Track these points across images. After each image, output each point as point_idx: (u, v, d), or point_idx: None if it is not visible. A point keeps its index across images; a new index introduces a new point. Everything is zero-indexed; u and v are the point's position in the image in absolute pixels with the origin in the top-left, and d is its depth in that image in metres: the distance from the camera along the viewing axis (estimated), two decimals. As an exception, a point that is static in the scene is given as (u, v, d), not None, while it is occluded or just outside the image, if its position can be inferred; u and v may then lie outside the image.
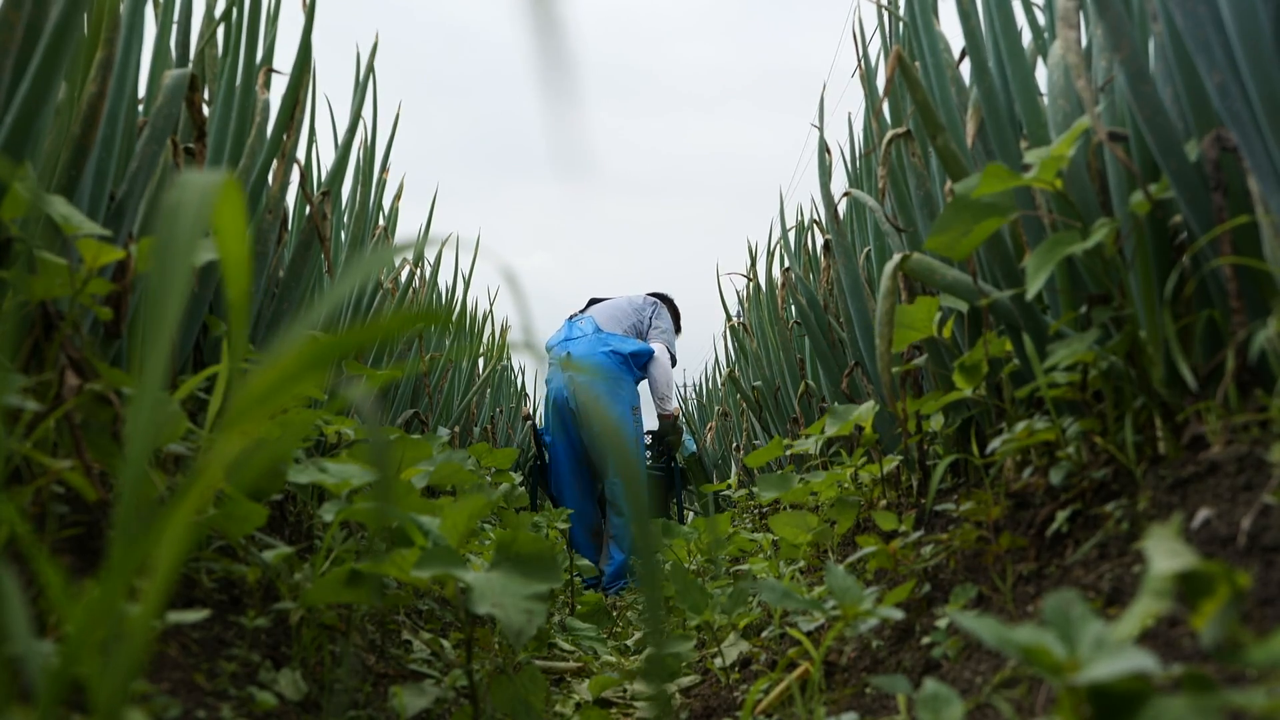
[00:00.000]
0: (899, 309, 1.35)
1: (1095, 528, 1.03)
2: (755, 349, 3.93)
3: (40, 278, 0.99)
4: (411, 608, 1.59)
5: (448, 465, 1.38)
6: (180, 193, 0.47)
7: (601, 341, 4.17)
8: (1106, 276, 1.09)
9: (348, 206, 2.60)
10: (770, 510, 2.62)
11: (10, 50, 1.05)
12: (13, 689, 0.50)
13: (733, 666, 1.49)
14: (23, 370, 1.02)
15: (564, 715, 1.49)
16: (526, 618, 0.91)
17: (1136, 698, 0.51)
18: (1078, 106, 1.22)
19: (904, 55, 1.41)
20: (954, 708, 0.72)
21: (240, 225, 0.50)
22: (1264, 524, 0.77)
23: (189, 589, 1.06)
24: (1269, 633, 0.66)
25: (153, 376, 0.45)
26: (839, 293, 2.32)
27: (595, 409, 0.48)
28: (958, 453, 1.51)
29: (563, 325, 4.42)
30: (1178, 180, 1.03)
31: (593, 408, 0.47)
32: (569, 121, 0.35)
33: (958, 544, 1.21)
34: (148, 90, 1.47)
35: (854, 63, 2.16)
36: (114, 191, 1.30)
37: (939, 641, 1.08)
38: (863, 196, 1.92)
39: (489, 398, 4.95)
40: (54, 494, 0.96)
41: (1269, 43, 0.88)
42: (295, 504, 1.52)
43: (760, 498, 1.87)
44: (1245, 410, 0.96)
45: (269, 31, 1.82)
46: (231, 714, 0.88)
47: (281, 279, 1.79)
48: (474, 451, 2.39)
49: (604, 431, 0.46)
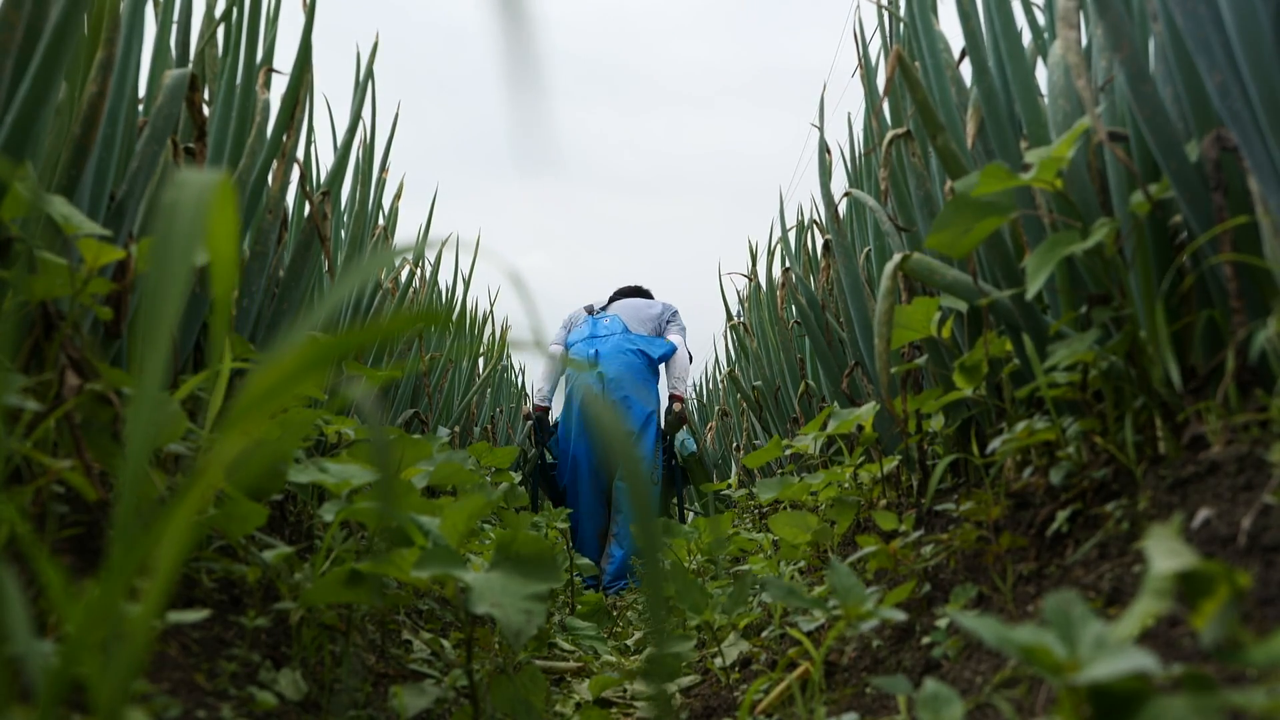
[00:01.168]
0: (897, 309, 1.35)
1: (1095, 528, 1.03)
2: (755, 349, 3.93)
3: (40, 278, 0.99)
4: (412, 607, 1.59)
5: (448, 465, 1.38)
6: (178, 192, 0.47)
7: (630, 341, 4.14)
8: (1106, 276, 1.09)
9: (348, 206, 2.60)
10: (770, 510, 2.62)
11: (10, 50, 1.05)
12: (13, 689, 0.50)
13: (733, 666, 1.49)
14: (23, 370, 1.02)
15: (564, 715, 1.49)
16: (526, 618, 0.91)
17: (1137, 697, 0.51)
18: (1078, 106, 1.22)
19: (904, 55, 1.41)
20: (954, 708, 0.72)
21: (231, 226, 0.50)
22: (1264, 524, 0.77)
23: (189, 589, 1.06)
24: (1269, 633, 0.66)
25: (152, 376, 0.45)
26: (839, 292, 2.32)
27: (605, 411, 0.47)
28: (958, 453, 1.51)
29: (582, 321, 4.35)
30: (1178, 180, 1.03)
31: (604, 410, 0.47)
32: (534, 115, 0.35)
33: (958, 544, 1.21)
34: (148, 90, 1.47)
35: (854, 63, 2.16)
36: (114, 191, 1.30)
37: (939, 641, 1.08)
38: (863, 196, 1.92)
39: (489, 398, 4.95)
40: (54, 494, 0.96)
41: (1269, 43, 0.88)
42: (295, 504, 1.52)
43: (760, 497, 1.87)
44: (1245, 410, 0.96)
45: (269, 31, 1.82)
46: (232, 714, 0.88)
47: (282, 279, 1.78)
48: (474, 451, 2.40)
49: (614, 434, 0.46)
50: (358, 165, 2.57)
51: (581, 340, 4.23)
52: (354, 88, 2.29)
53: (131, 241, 1.33)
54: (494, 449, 2.41)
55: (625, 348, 4.12)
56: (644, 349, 4.14)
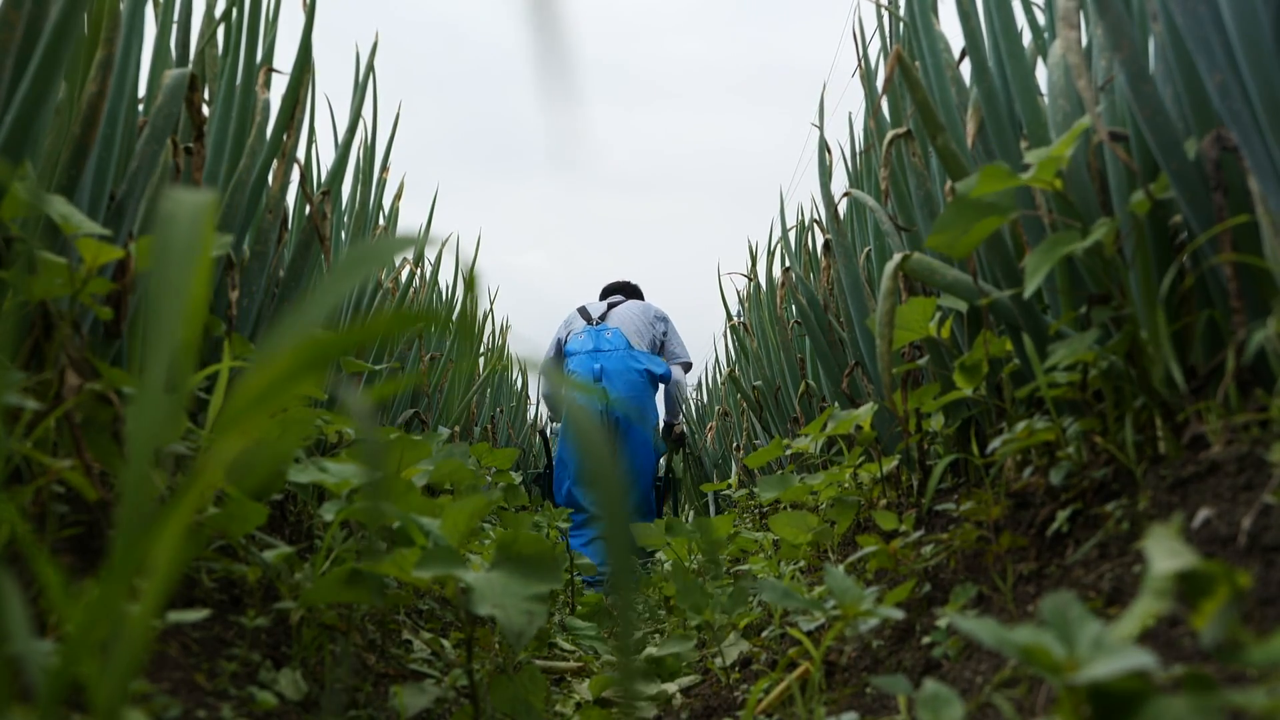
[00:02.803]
0: (898, 309, 1.35)
1: (1095, 527, 1.03)
2: (756, 348, 3.93)
3: (40, 277, 0.99)
4: (412, 607, 1.59)
5: (448, 463, 1.38)
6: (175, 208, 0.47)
7: (633, 358, 4.24)
8: (1106, 276, 1.09)
9: (348, 206, 2.60)
10: (770, 510, 2.62)
11: (10, 50, 1.05)
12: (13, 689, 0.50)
13: (733, 666, 1.49)
14: (23, 369, 1.02)
15: (564, 715, 1.49)
16: (527, 619, 0.91)
17: (1137, 697, 0.51)
18: (1078, 106, 1.22)
19: (904, 55, 1.41)
20: (954, 708, 0.72)
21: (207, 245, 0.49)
22: (1264, 524, 0.77)
23: (189, 589, 1.06)
24: (1269, 632, 0.66)
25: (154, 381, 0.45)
26: (839, 292, 2.32)
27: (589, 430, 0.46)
28: (958, 452, 1.51)
29: (581, 330, 4.36)
30: (1178, 180, 1.03)
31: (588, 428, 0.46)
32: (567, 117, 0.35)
33: (958, 544, 1.21)
34: (148, 90, 1.47)
35: (854, 62, 2.16)
36: (114, 191, 1.30)
37: (939, 641, 1.08)
38: (863, 196, 1.92)
39: (489, 398, 4.95)
40: (54, 494, 0.96)
41: (1269, 43, 0.88)
42: (295, 504, 1.52)
43: (761, 497, 1.87)
44: (1245, 410, 0.96)
45: (269, 31, 1.82)
46: (232, 713, 0.88)
47: (282, 279, 1.79)
48: (474, 451, 2.39)
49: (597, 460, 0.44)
50: (358, 165, 2.57)
51: (584, 353, 4.24)
52: (354, 87, 2.29)
53: (131, 241, 1.33)
54: (494, 449, 2.41)
55: (630, 365, 4.21)
56: (647, 367, 4.25)
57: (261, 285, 1.68)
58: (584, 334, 4.34)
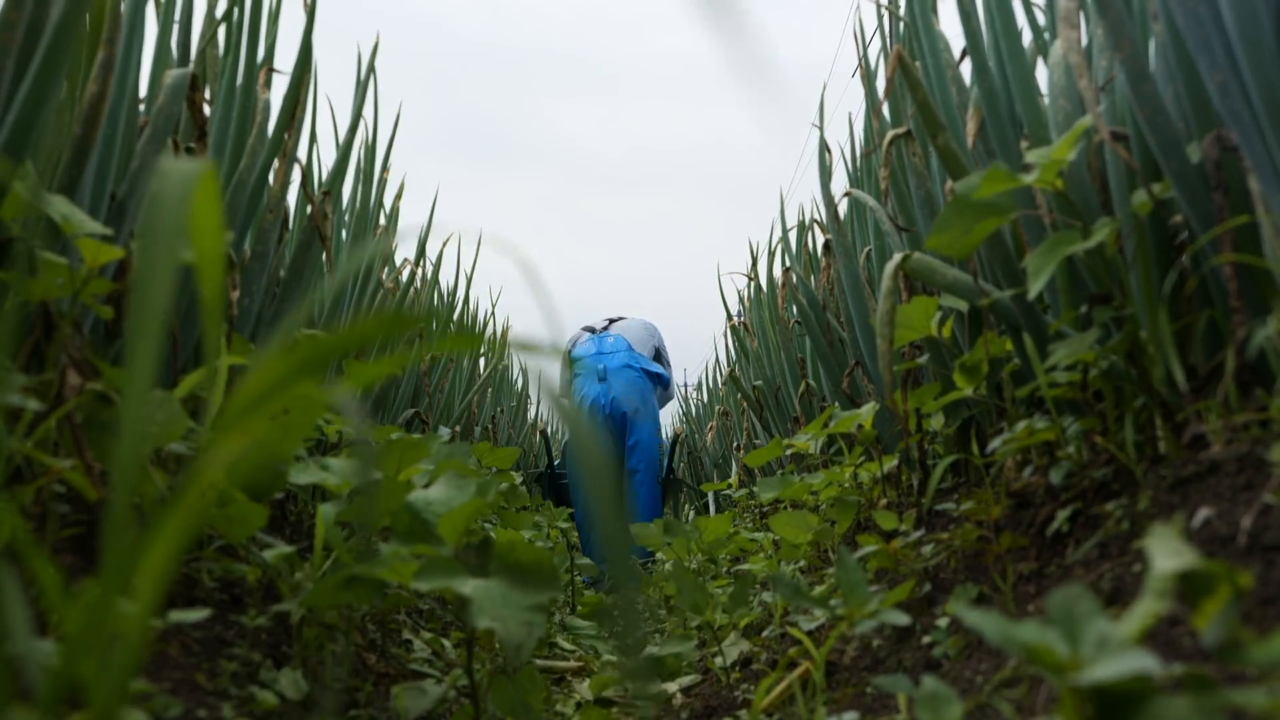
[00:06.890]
0: (898, 309, 1.35)
1: (1096, 527, 1.03)
2: (756, 348, 3.93)
3: (41, 277, 0.99)
4: (412, 607, 1.59)
5: (449, 461, 1.38)
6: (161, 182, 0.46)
7: (635, 359, 4.54)
8: (1107, 276, 1.09)
9: (349, 206, 2.60)
10: (771, 510, 2.62)
11: (11, 50, 1.05)
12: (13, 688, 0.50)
13: (733, 666, 1.49)
14: (23, 370, 1.02)
15: (564, 714, 1.49)
16: (527, 630, 0.90)
17: (1138, 697, 0.51)
18: (1079, 106, 1.22)
19: (904, 55, 1.41)
20: (953, 707, 0.72)
21: (216, 216, 0.49)
22: (1265, 523, 0.77)
23: (190, 588, 1.06)
24: (1270, 632, 0.66)
25: (142, 370, 0.44)
26: (839, 292, 2.32)
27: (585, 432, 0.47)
28: (958, 452, 1.51)
29: (587, 340, 4.70)
30: (1178, 180, 1.03)
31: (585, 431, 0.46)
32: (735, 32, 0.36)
33: (958, 543, 1.21)
34: (149, 90, 1.47)
35: (854, 62, 2.16)
36: (115, 191, 1.30)
37: (940, 641, 1.08)
38: (863, 196, 1.92)
39: (490, 397, 4.95)
40: (55, 493, 0.96)
41: (1269, 43, 0.88)
42: (295, 503, 1.52)
43: (761, 497, 1.87)
44: (1246, 409, 0.95)
45: (270, 31, 1.82)
46: (232, 713, 0.88)
47: (283, 279, 1.79)
48: (475, 451, 2.39)
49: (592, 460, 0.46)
50: (359, 165, 2.57)
51: (589, 356, 4.58)
52: (355, 87, 2.29)
53: (132, 241, 1.33)
54: (495, 449, 2.41)
55: (631, 364, 4.50)
56: (647, 368, 4.54)
57: (262, 285, 1.68)
58: (588, 341, 4.71)
